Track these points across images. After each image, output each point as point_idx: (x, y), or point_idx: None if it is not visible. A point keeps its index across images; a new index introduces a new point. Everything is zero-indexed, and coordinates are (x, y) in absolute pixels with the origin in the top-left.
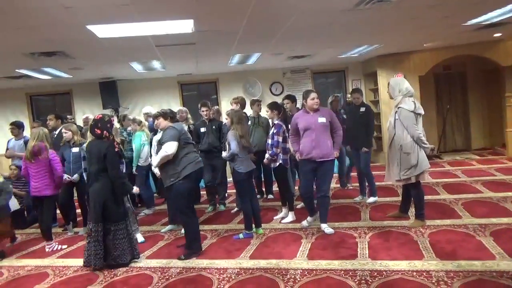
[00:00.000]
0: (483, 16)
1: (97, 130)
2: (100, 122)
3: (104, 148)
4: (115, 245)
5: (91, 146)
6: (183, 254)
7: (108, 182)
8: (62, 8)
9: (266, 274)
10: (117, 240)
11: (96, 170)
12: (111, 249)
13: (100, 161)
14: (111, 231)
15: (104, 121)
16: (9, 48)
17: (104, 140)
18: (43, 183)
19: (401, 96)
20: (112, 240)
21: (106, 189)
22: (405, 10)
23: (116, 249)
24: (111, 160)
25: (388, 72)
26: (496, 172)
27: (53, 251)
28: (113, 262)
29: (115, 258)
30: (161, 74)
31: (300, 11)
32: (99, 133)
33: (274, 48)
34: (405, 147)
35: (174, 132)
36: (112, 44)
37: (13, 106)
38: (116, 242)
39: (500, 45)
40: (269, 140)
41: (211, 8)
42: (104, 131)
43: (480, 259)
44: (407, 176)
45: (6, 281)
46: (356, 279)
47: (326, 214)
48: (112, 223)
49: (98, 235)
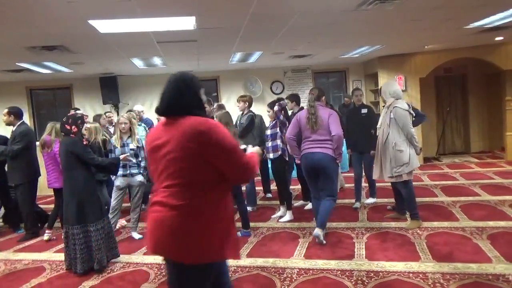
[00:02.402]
0: (485, 19)
1: (66, 126)
2: (71, 118)
3: (71, 144)
4: (98, 247)
5: (60, 145)
6: None
7: (79, 180)
8: (64, 3)
9: (263, 272)
10: (98, 241)
11: (66, 169)
12: (95, 251)
13: (68, 158)
14: (90, 232)
15: (75, 117)
16: (10, 41)
17: (71, 137)
18: (53, 176)
19: (392, 98)
20: (95, 241)
21: (79, 188)
22: (407, 12)
23: (100, 251)
24: (83, 153)
25: (389, 73)
26: (495, 175)
27: (49, 241)
28: (98, 266)
29: (100, 262)
30: (161, 71)
31: (301, 11)
32: (68, 129)
33: (275, 47)
34: (398, 145)
35: None
36: (114, 40)
37: (13, 100)
38: (98, 243)
39: (502, 48)
40: (268, 131)
41: (213, 6)
42: (72, 126)
43: (476, 262)
44: (399, 174)
45: (3, 274)
46: (352, 279)
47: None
48: (90, 223)
49: (75, 238)
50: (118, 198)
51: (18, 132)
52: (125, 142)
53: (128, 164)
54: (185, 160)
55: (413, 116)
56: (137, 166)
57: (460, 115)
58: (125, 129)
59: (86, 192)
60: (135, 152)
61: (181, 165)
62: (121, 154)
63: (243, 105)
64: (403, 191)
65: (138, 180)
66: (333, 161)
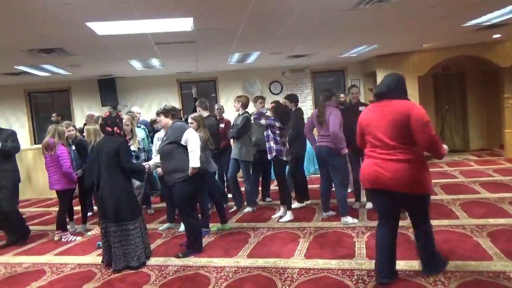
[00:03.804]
0: (482, 17)
1: (108, 128)
2: (109, 120)
3: (117, 144)
4: (136, 244)
5: (102, 144)
6: (181, 253)
7: (122, 179)
8: (61, 5)
9: (264, 273)
10: (136, 239)
11: (109, 167)
12: (133, 249)
13: (113, 158)
14: (130, 230)
15: (112, 117)
16: (8, 44)
17: (116, 136)
18: (54, 178)
19: None
20: (133, 239)
21: (121, 186)
22: (404, 11)
23: (138, 249)
24: (124, 154)
25: (387, 72)
26: (494, 173)
27: (67, 241)
28: (137, 263)
29: (139, 259)
30: (160, 72)
31: (299, 10)
32: (110, 131)
33: (273, 47)
34: None
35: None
36: (111, 42)
37: (12, 103)
38: (136, 241)
39: (499, 46)
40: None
41: (210, 6)
42: (114, 127)
43: (477, 260)
44: None
45: (3, 277)
46: (353, 278)
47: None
48: (129, 221)
49: (114, 235)
50: None
51: (9, 133)
52: None
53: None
54: (402, 129)
55: None
56: None
57: (458, 113)
58: (127, 130)
59: (125, 191)
60: (136, 154)
61: (401, 133)
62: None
63: (237, 105)
64: None
65: (137, 183)
66: (334, 152)
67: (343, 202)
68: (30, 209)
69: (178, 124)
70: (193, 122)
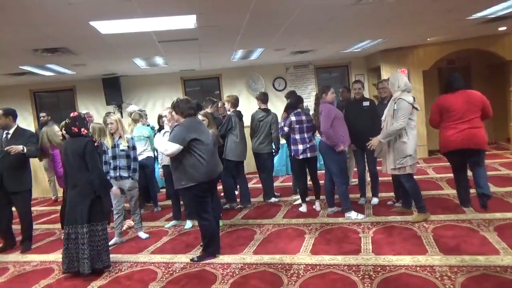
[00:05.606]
0: (487, 9)
1: (74, 128)
2: (78, 120)
3: (83, 145)
4: (103, 246)
5: (67, 145)
6: (196, 256)
7: (88, 181)
8: (65, 4)
9: (270, 269)
10: (103, 240)
11: (77, 169)
12: (101, 250)
13: (82, 158)
14: (98, 231)
15: (81, 118)
16: (12, 44)
17: (82, 137)
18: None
19: (400, 91)
20: (101, 240)
21: (90, 188)
22: (408, 4)
23: (103, 251)
24: (91, 155)
25: (392, 67)
26: (500, 167)
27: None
28: (102, 265)
29: (103, 261)
30: (164, 70)
31: (302, 6)
32: (76, 131)
33: (277, 44)
34: (402, 136)
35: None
36: (115, 40)
37: (17, 103)
38: (104, 243)
39: (505, 39)
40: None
41: (213, 4)
42: (82, 128)
43: (484, 254)
44: (402, 165)
45: (12, 276)
46: (359, 274)
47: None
48: (98, 222)
49: (84, 237)
50: (120, 200)
51: (29, 134)
52: (116, 143)
53: (118, 166)
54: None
55: (417, 110)
56: (127, 168)
57: None
58: (113, 129)
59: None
60: (126, 152)
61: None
62: (113, 155)
63: (228, 105)
64: (407, 185)
65: (128, 185)
66: (328, 148)
67: (344, 197)
68: (37, 208)
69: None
70: (205, 119)
